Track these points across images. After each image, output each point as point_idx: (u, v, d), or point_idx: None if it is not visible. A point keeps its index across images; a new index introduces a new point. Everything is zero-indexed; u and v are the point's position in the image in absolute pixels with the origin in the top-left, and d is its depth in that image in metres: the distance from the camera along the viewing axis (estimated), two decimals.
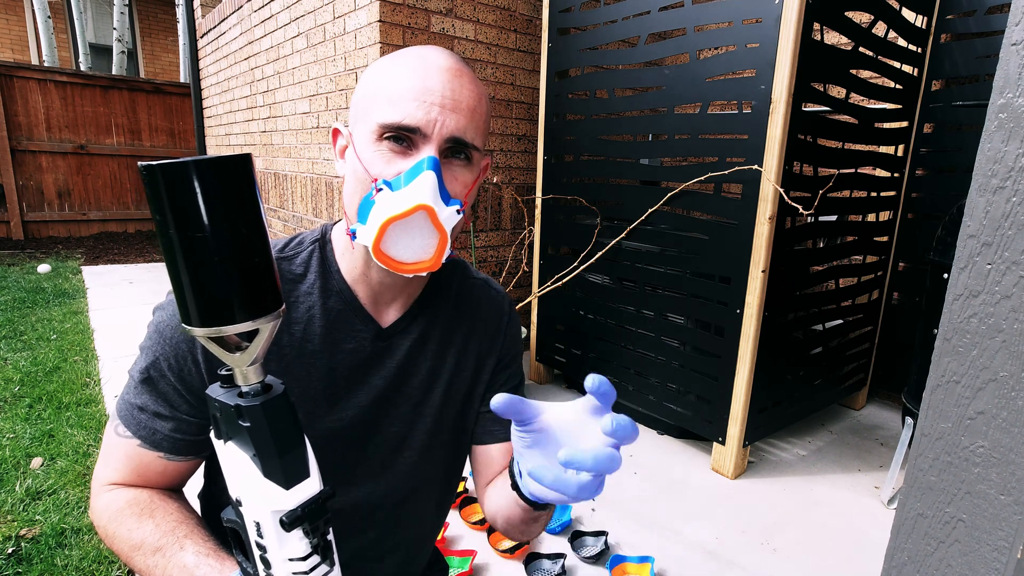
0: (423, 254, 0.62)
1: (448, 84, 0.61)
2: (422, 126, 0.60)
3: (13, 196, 5.54)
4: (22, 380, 2.50)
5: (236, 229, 0.41)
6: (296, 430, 0.46)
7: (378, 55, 2.31)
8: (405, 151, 0.62)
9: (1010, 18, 0.37)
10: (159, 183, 0.38)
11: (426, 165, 0.60)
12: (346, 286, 0.71)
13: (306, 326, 0.69)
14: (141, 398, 0.65)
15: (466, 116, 0.62)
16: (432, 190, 0.59)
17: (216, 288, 0.41)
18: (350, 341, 0.71)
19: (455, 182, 0.64)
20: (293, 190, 3.32)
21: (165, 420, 0.65)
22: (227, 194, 0.40)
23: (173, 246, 0.39)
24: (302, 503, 0.46)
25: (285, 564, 0.46)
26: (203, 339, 0.42)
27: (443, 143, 0.62)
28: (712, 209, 1.92)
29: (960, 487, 0.42)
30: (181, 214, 0.39)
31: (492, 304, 0.83)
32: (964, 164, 2.31)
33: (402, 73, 0.62)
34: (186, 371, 0.64)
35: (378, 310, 0.73)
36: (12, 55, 8.67)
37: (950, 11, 2.24)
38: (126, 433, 0.66)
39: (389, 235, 0.60)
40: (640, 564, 1.48)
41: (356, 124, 0.65)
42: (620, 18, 2.08)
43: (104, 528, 0.65)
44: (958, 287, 0.41)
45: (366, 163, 0.62)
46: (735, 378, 1.87)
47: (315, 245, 0.72)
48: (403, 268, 0.62)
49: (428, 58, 0.63)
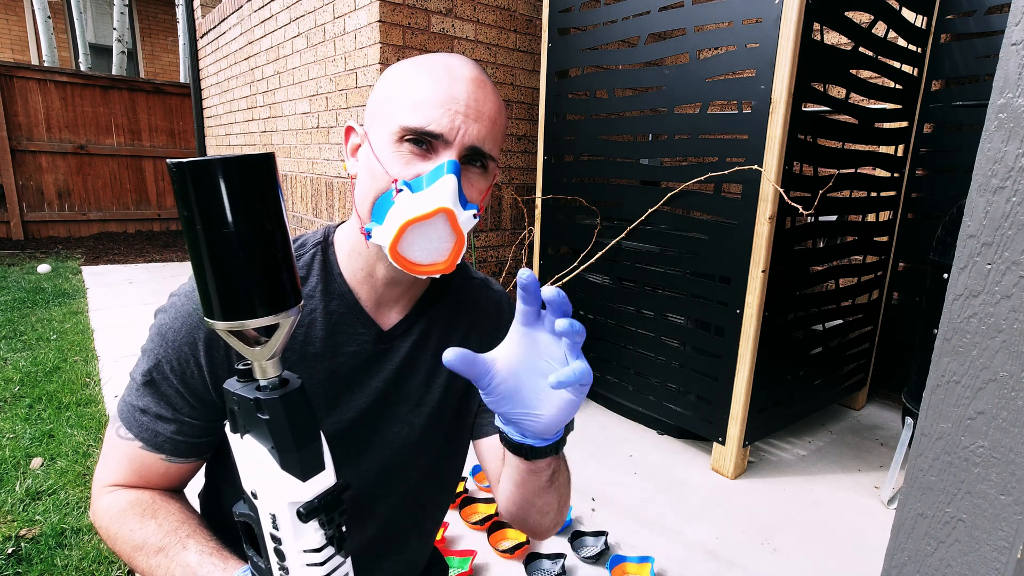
0: (438, 256, 0.63)
1: (472, 94, 0.63)
2: (445, 133, 0.61)
3: (13, 196, 5.54)
4: (22, 380, 2.50)
5: (259, 225, 0.42)
6: (313, 423, 0.48)
7: (378, 55, 2.31)
8: (425, 154, 0.62)
9: (1010, 18, 0.37)
10: (187, 180, 0.39)
11: (447, 168, 0.61)
12: (348, 289, 0.72)
13: (307, 329, 0.69)
14: (143, 400, 0.65)
15: (487, 127, 0.64)
16: (453, 194, 0.60)
17: (238, 283, 0.42)
18: (351, 344, 0.71)
19: (472, 188, 0.66)
20: (293, 190, 3.32)
21: (167, 422, 0.65)
22: (251, 192, 0.41)
23: (199, 241, 0.40)
24: (318, 495, 0.47)
25: (300, 555, 0.47)
26: (224, 333, 0.43)
27: (463, 150, 0.63)
28: (712, 209, 1.92)
29: (960, 487, 0.42)
30: (207, 210, 0.40)
31: (492, 303, 0.84)
32: (964, 164, 2.31)
33: (428, 79, 0.63)
34: (188, 374, 0.64)
35: (379, 312, 0.73)
36: (12, 55, 8.67)
37: (950, 11, 2.24)
38: (128, 435, 0.66)
39: (407, 237, 0.61)
40: (640, 564, 1.48)
41: (374, 124, 0.66)
42: (620, 18, 2.08)
43: (106, 529, 0.65)
44: (958, 287, 0.41)
45: (385, 163, 0.63)
46: (735, 378, 1.87)
47: (317, 248, 0.73)
48: (418, 269, 0.62)
49: (454, 67, 0.64)
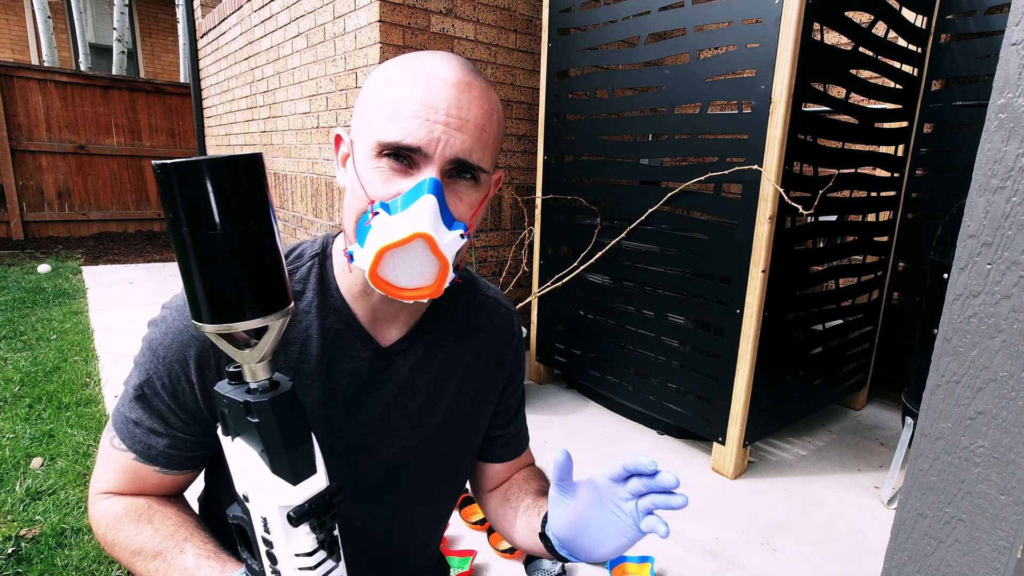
0: (423, 281, 0.58)
1: (454, 101, 0.56)
2: (423, 146, 0.55)
3: (13, 196, 5.54)
4: (22, 380, 2.50)
5: (247, 227, 0.41)
6: (304, 426, 0.47)
7: (378, 55, 2.31)
8: (406, 169, 0.57)
9: (1010, 18, 0.37)
10: (172, 181, 0.39)
11: (426, 188, 0.55)
12: (345, 305, 0.68)
13: (303, 346, 0.66)
14: (136, 412, 0.64)
15: (472, 135, 0.57)
16: (432, 216, 0.55)
17: (226, 285, 0.41)
18: (348, 362, 0.68)
19: (460, 203, 0.59)
20: (293, 190, 3.32)
21: (160, 436, 0.64)
22: (239, 192, 0.40)
23: (185, 243, 0.40)
24: (309, 498, 0.46)
25: (291, 559, 0.47)
26: (213, 336, 0.43)
27: (446, 164, 0.57)
28: (712, 209, 1.91)
29: (960, 487, 0.42)
30: (193, 212, 0.39)
31: (502, 323, 0.81)
32: (964, 164, 2.31)
33: (404, 85, 0.57)
34: (180, 391, 0.63)
35: (378, 329, 0.70)
36: (12, 55, 8.67)
37: (950, 11, 2.24)
38: (121, 446, 0.65)
39: (386, 262, 0.56)
40: (640, 564, 1.48)
41: (357, 134, 0.61)
42: (620, 18, 2.08)
43: (103, 535, 0.65)
44: (958, 287, 0.41)
45: (364, 181, 0.58)
46: (735, 378, 1.87)
47: (314, 260, 0.69)
48: (403, 294, 0.58)
49: (433, 69, 0.57)
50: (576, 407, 2.50)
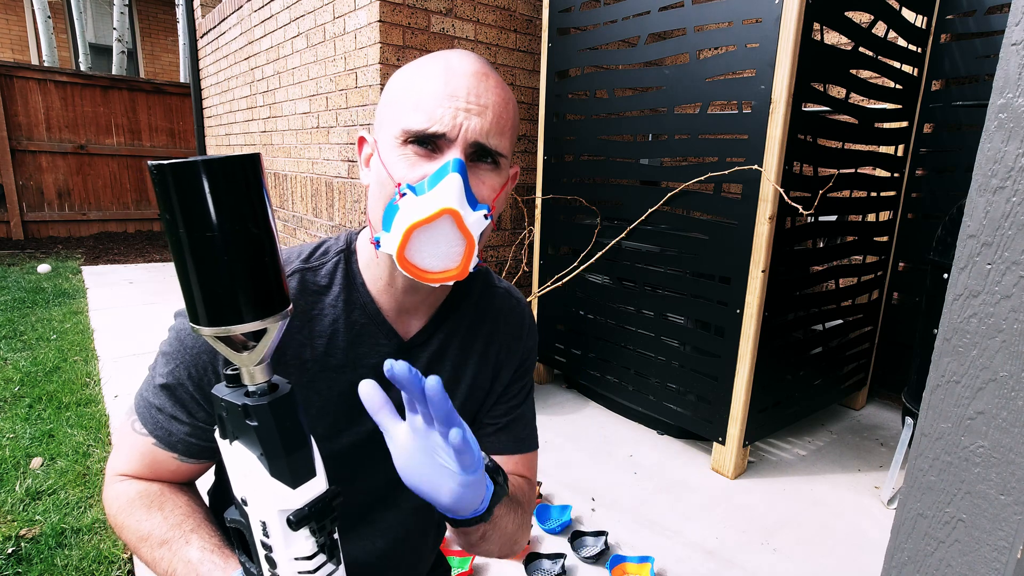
0: (449, 262, 0.60)
1: (473, 88, 0.60)
2: (447, 131, 0.59)
3: (13, 196, 5.54)
4: (22, 380, 2.50)
5: (245, 228, 0.40)
6: (302, 429, 0.47)
7: (378, 55, 2.31)
8: (430, 154, 0.60)
9: (1010, 18, 0.37)
10: (168, 182, 0.38)
11: (451, 167, 0.58)
12: (370, 299, 0.70)
13: (329, 340, 0.68)
14: (160, 399, 0.65)
15: (491, 120, 0.61)
16: (458, 193, 0.58)
17: (224, 288, 0.41)
18: (373, 356, 0.70)
19: (482, 186, 0.62)
20: (293, 190, 3.32)
21: (182, 424, 0.65)
22: (236, 193, 0.40)
23: (182, 245, 0.39)
24: (309, 502, 0.46)
25: (291, 563, 0.47)
26: (210, 338, 0.42)
27: (468, 146, 0.60)
28: (712, 209, 1.92)
29: (960, 487, 0.42)
30: (190, 213, 0.38)
31: (514, 314, 0.82)
32: (964, 164, 2.31)
33: (426, 78, 0.61)
34: (206, 381, 0.64)
35: (401, 321, 0.72)
36: (12, 55, 8.67)
37: (950, 11, 2.24)
38: (142, 430, 0.66)
39: (414, 242, 0.58)
40: (640, 564, 1.48)
41: (381, 131, 0.64)
42: (620, 18, 2.08)
43: (114, 517, 0.66)
44: (958, 287, 0.41)
45: (390, 168, 0.61)
46: (735, 378, 1.87)
47: (340, 256, 0.71)
48: (428, 277, 0.60)
49: (452, 62, 0.62)
50: (576, 407, 2.50)
